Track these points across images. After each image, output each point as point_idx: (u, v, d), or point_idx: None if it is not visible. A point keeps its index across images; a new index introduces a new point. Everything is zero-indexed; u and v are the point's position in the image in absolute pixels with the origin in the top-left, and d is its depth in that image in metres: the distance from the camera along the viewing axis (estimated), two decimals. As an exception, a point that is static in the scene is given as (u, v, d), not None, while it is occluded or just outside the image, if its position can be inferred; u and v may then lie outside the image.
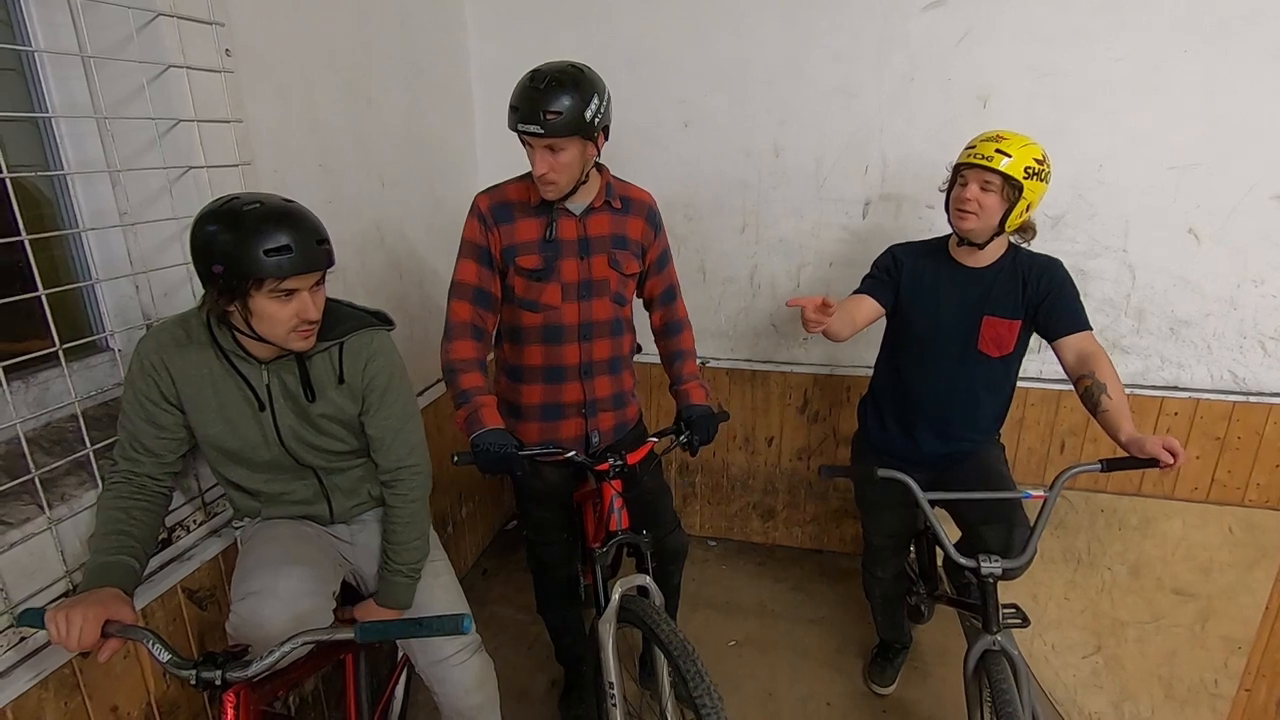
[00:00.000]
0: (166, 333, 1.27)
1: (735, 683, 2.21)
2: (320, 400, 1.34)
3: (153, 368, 1.25)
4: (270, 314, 1.17)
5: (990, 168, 1.56)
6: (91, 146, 1.39)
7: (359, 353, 1.35)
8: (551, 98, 1.39)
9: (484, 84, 2.58)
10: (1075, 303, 1.67)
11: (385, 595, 1.42)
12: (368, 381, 1.37)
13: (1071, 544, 2.55)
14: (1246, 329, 2.28)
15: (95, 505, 1.26)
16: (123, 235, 1.42)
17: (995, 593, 1.55)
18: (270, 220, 1.12)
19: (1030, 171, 1.56)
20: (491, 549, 2.91)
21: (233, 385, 1.29)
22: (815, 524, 2.87)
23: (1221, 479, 2.41)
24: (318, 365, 1.34)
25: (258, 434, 1.33)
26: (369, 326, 1.38)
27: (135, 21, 1.33)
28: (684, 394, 1.74)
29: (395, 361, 1.41)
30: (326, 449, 1.40)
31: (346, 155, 1.93)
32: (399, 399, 1.41)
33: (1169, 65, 2.07)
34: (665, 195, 2.30)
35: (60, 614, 1.02)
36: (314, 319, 1.22)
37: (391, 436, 1.41)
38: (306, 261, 1.14)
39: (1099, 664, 2.58)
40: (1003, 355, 1.73)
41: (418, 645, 1.46)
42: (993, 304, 1.70)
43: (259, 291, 1.14)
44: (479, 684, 1.49)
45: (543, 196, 1.54)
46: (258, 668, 1.07)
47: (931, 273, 1.75)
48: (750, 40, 2.32)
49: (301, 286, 1.17)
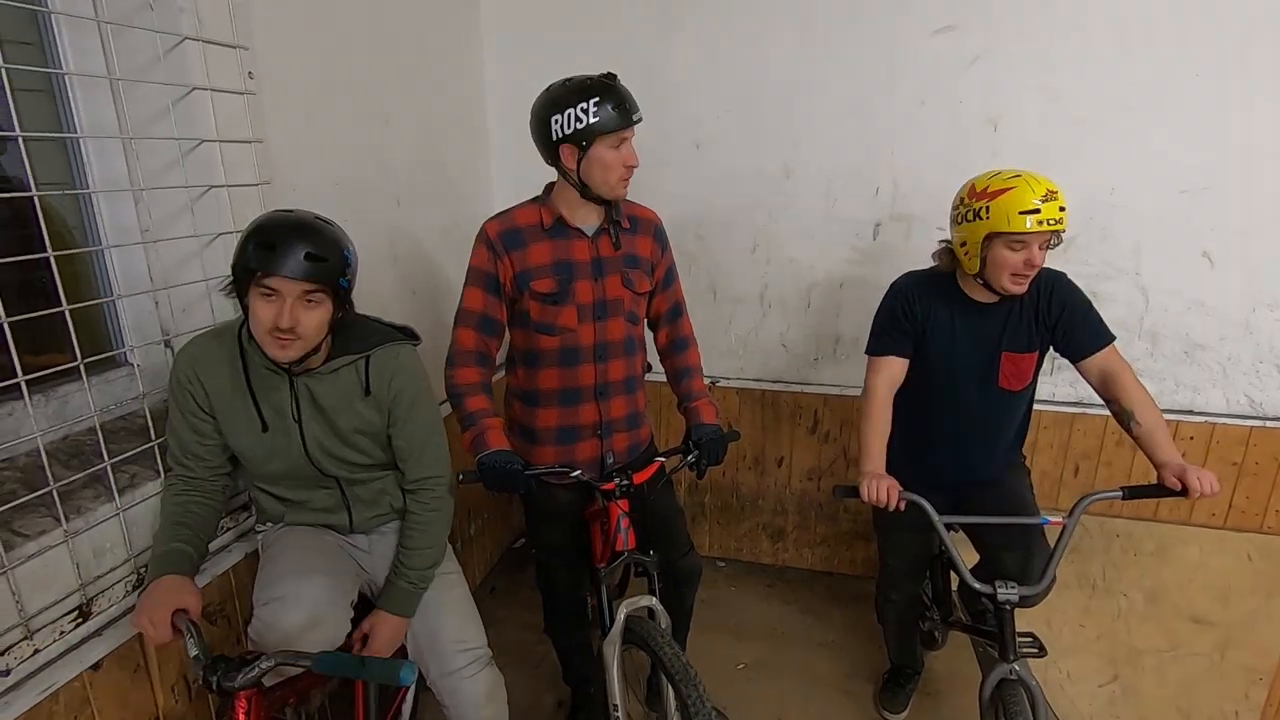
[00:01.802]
0: (200, 346, 1.33)
1: (744, 706, 2.18)
2: (348, 415, 1.38)
3: (188, 380, 1.30)
4: (254, 312, 1.21)
5: (1056, 230, 1.47)
6: (116, 165, 1.42)
7: (385, 366, 1.39)
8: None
9: (499, 105, 2.62)
10: (1089, 317, 1.62)
11: (389, 601, 1.43)
12: (394, 395, 1.39)
13: (1086, 569, 2.51)
14: (1263, 353, 2.26)
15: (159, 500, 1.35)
16: (144, 252, 1.45)
17: (1012, 620, 1.52)
18: (278, 222, 1.20)
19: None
20: (499, 567, 2.90)
21: (264, 396, 1.33)
22: (825, 546, 2.84)
23: (1239, 505, 2.38)
24: (344, 378, 1.37)
25: (284, 444, 1.36)
26: (395, 341, 1.41)
27: (162, 45, 1.37)
28: (694, 411, 1.74)
29: (420, 375, 1.44)
30: (351, 460, 1.42)
31: (363, 175, 1.96)
32: (425, 412, 1.44)
33: (1180, 88, 2.08)
34: (676, 215, 2.32)
35: (144, 618, 1.13)
36: (284, 326, 1.20)
37: (419, 449, 1.44)
38: (284, 265, 1.15)
39: (1116, 693, 2.52)
40: (1024, 388, 1.71)
41: (430, 657, 1.47)
42: (1009, 340, 1.66)
43: (251, 288, 1.19)
44: (489, 697, 1.49)
45: (555, 217, 1.56)
46: (241, 679, 1.10)
47: (945, 312, 1.68)
48: (762, 61, 2.35)
49: (283, 291, 1.18)
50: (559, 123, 1.46)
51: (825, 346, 2.60)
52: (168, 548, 1.25)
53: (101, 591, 1.28)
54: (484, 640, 1.52)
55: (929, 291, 1.70)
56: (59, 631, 1.20)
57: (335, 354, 1.35)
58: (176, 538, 1.26)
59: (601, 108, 1.43)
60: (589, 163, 1.48)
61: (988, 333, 1.66)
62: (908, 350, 1.71)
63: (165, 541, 1.26)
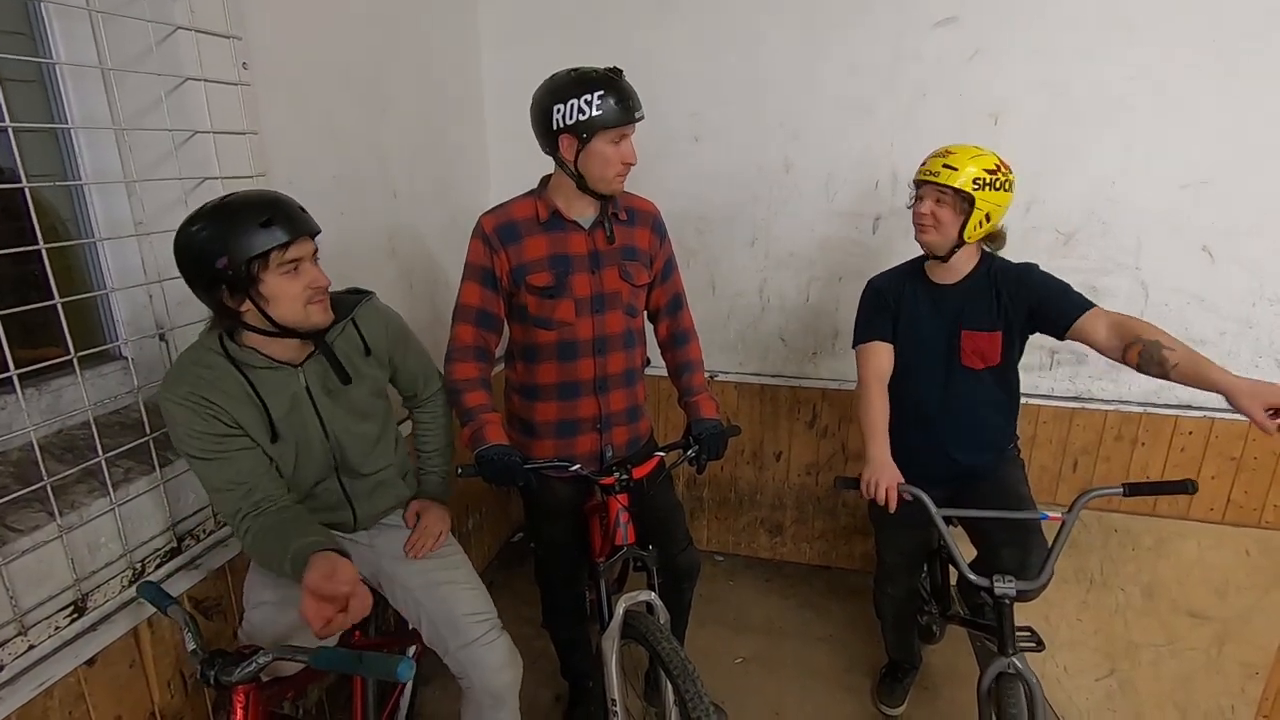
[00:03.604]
0: (188, 377, 1.22)
1: (742, 701, 2.18)
2: (357, 379, 1.39)
3: (202, 404, 1.21)
4: (283, 291, 1.19)
5: (938, 183, 1.59)
6: (109, 157, 1.41)
7: (372, 321, 1.43)
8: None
9: (497, 97, 2.60)
10: (1066, 292, 1.64)
11: (428, 490, 1.62)
12: (391, 340, 1.47)
13: (1084, 564, 2.52)
14: (1262, 348, 2.25)
15: (249, 548, 1.27)
16: (138, 245, 1.43)
17: (1011, 614, 1.52)
18: (249, 201, 1.17)
19: (980, 182, 1.57)
20: (497, 561, 2.89)
21: (274, 399, 1.29)
22: (823, 540, 2.84)
23: (1238, 500, 2.38)
24: (341, 345, 1.37)
25: (304, 440, 1.34)
26: (363, 299, 1.46)
27: (155, 35, 1.35)
28: (694, 406, 1.74)
29: (396, 314, 1.53)
30: (365, 436, 1.44)
31: (360, 167, 1.95)
32: (414, 339, 1.56)
33: (1181, 82, 2.07)
34: (676, 209, 2.30)
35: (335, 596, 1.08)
36: (325, 284, 1.24)
37: (424, 367, 1.59)
38: (297, 226, 1.18)
39: (1113, 687, 2.53)
40: (989, 367, 1.72)
41: (447, 631, 1.46)
42: (968, 317, 1.70)
43: (266, 272, 1.17)
44: (509, 661, 1.50)
45: (550, 210, 1.55)
46: (239, 674, 1.10)
47: (911, 294, 1.77)
48: (762, 55, 2.34)
49: (303, 255, 1.20)
50: (560, 112, 1.45)
51: (824, 341, 2.59)
52: (305, 541, 1.16)
53: (97, 587, 1.27)
54: (494, 610, 1.54)
55: (899, 280, 1.81)
56: (54, 627, 1.19)
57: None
58: (313, 532, 1.20)
59: (604, 102, 1.42)
60: (587, 155, 1.47)
61: (947, 311, 1.73)
62: (889, 334, 1.77)
63: (305, 536, 1.18)
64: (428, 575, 1.50)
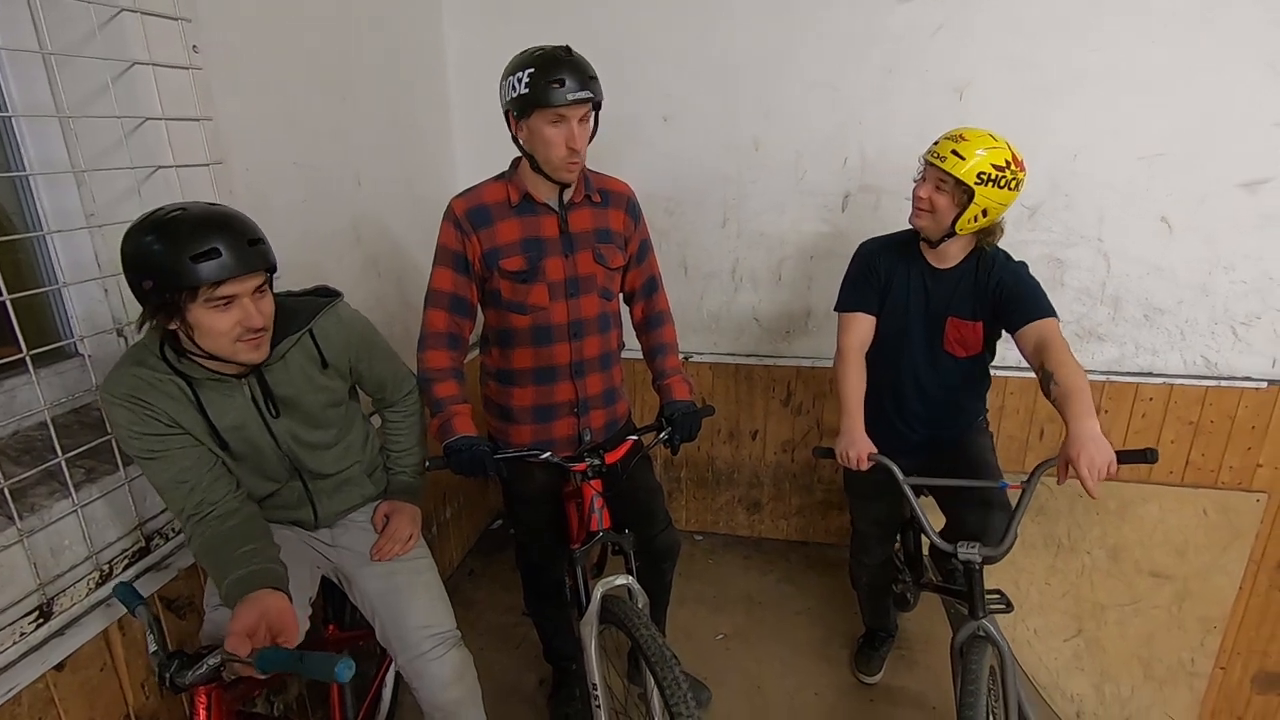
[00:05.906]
0: (128, 379, 1.17)
1: (723, 676, 2.21)
2: (311, 392, 1.34)
3: (141, 405, 1.17)
4: (210, 326, 1.10)
5: (942, 168, 1.55)
6: (55, 147, 1.35)
7: (331, 333, 1.36)
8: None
9: (461, 78, 2.55)
10: (1034, 294, 1.63)
11: (396, 492, 1.57)
12: (354, 350, 1.41)
13: (1052, 530, 2.59)
14: (1218, 315, 2.32)
15: (194, 551, 1.25)
16: (90, 237, 1.38)
17: (980, 578, 1.56)
18: (195, 225, 1.06)
19: (985, 177, 1.51)
20: (477, 549, 2.89)
21: (219, 411, 1.25)
22: (801, 516, 2.88)
23: (1196, 462, 2.46)
24: (296, 357, 1.32)
25: (253, 450, 1.31)
26: (325, 306, 1.37)
27: (98, 17, 1.29)
28: (667, 389, 1.73)
29: (361, 319, 1.46)
30: (321, 444, 1.40)
31: (322, 153, 1.89)
32: (380, 344, 1.49)
33: (1141, 56, 2.10)
34: (646, 190, 2.28)
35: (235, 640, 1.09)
36: (257, 326, 1.14)
37: (392, 374, 1.53)
38: (239, 264, 1.08)
39: (1080, 647, 2.62)
40: (970, 355, 1.74)
41: (397, 643, 1.45)
42: (955, 305, 1.71)
43: (194, 303, 1.07)
44: (457, 678, 1.48)
45: (522, 193, 1.53)
46: (191, 676, 1.09)
47: (903, 273, 1.75)
48: (731, 33, 2.32)
49: (240, 292, 1.10)
50: (503, 89, 1.46)
51: (797, 319, 2.61)
52: (248, 569, 1.17)
53: (62, 591, 1.24)
54: (452, 623, 1.51)
55: (893, 252, 1.78)
56: (19, 633, 1.16)
57: (276, 339, 1.26)
58: (252, 560, 1.18)
59: (535, 80, 1.39)
60: (530, 135, 1.46)
61: (938, 296, 1.72)
62: (874, 307, 1.77)
63: (242, 565, 1.17)
64: (388, 580, 1.48)
